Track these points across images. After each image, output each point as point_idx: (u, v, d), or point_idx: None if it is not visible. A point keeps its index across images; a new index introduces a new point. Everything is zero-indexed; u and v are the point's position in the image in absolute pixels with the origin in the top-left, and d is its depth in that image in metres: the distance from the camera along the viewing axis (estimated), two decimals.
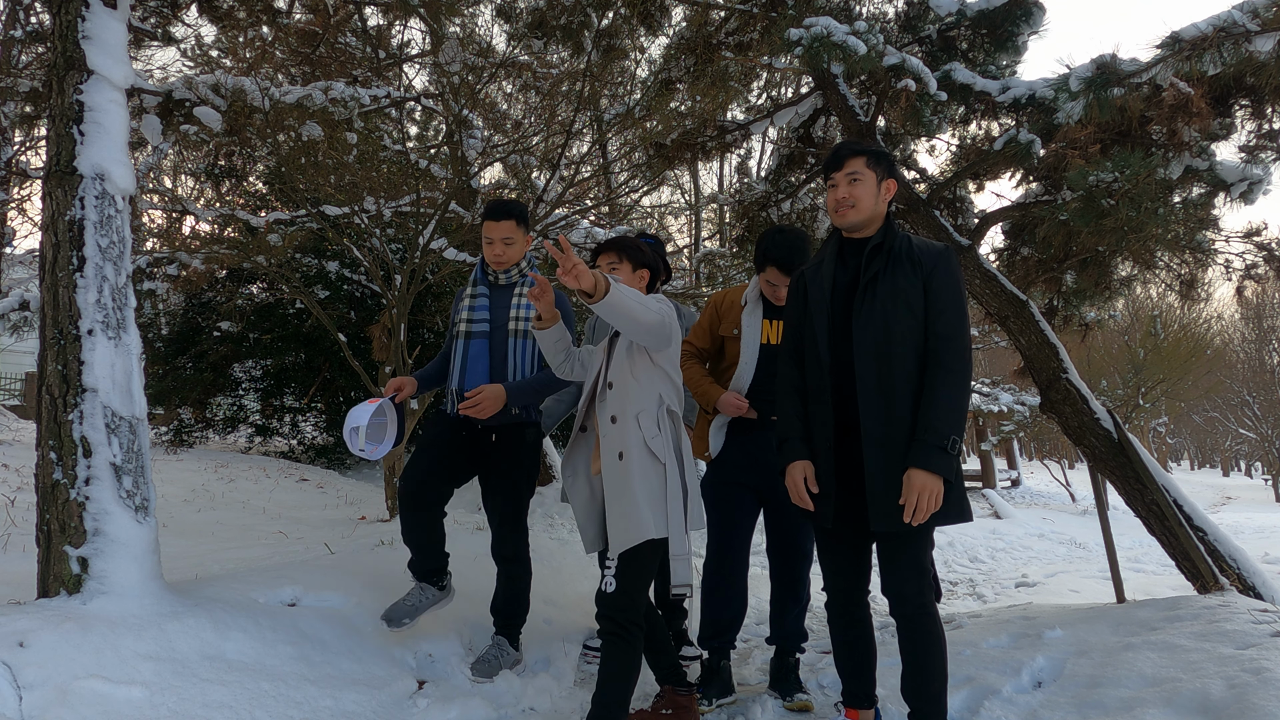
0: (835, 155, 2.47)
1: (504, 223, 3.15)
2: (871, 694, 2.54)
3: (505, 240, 3.15)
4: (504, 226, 3.15)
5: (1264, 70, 3.53)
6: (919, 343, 2.31)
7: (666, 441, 2.49)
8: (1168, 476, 4.32)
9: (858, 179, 2.42)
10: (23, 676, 2.28)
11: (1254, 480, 39.88)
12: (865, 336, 2.32)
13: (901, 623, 2.36)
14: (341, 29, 6.69)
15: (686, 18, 5.50)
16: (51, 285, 2.91)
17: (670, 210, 14.95)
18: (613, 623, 2.41)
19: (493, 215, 3.16)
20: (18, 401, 17.22)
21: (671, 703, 2.77)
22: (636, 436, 2.44)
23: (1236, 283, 4.97)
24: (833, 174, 2.47)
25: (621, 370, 2.50)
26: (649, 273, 2.71)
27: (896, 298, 2.32)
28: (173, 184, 12.33)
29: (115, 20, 3.12)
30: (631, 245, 2.67)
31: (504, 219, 3.15)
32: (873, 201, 2.42)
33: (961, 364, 2.27)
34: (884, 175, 2.45)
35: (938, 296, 2.32)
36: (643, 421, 2.46)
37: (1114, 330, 20.20)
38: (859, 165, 2.42)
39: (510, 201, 3.20)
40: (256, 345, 10.79)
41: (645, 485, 2.41)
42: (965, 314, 2.35)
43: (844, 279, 2.44)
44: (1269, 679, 2.35)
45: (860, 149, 2.46)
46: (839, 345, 2.40)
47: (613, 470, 2.44)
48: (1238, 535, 11.52)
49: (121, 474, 2.84)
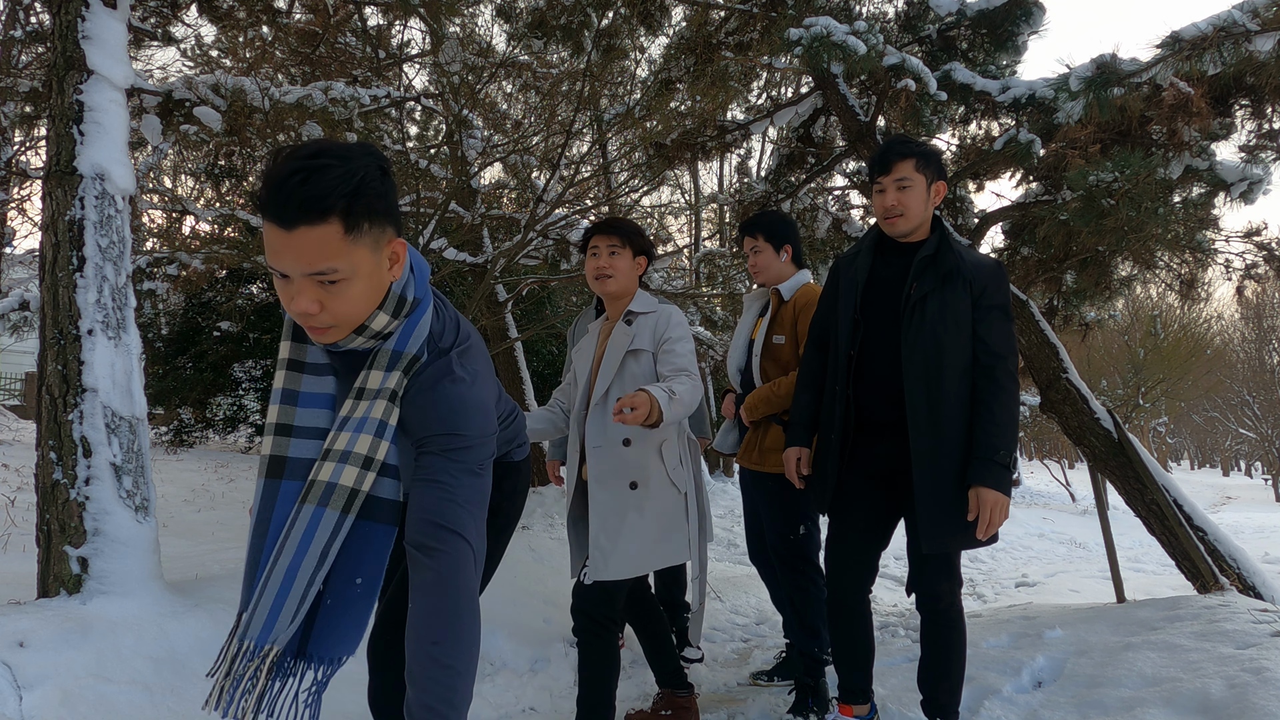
0: (883, 157, 2.34)
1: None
2: (868, 689, 2.53)
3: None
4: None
5: (1264, 70, 3.53)
6: (967, 362, 2.28)
7: (688, 472, 2.45)
8: (1168, 476, 4.32)
9: (907, 185, 2.30)
10: (23, 676, 2.28)
11: (1254, 480, 39.88)
12: (914, 355, 2.27)
13: (931, 618, 2.38)
14: (341, 29, 6.69)
15: (686, 18, 5.50)
16: (51, 285, 2.91)
17: (670, 210, 14.95)
18: (589, 619, 2.35)
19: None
20: (18, 401, 17.22)
21: (670, 704, 2.75)
22: (659, 468, 2.37)
23: (1236, 283, 4.97)
24: (880, 177, 2.34)
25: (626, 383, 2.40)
26: (646, 259, 2.61)
27: (946, 316, 2.27)
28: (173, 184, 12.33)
29: (115, 20, 3.12)
30: (635, 230, 2.60)
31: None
32: (922, 208, 2.32)
33: (1013, 382, 2.27)
34: (934, 178, 2.34)
35: (988, 314, 2.28)
36: (665, 452, 2.39)
37: (1114, 330, 20.19)
38: (908, 170, 2.30)
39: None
40: (256, 345, 10.80)
41: (662, 519, 2.36)
42: (1013, 331, 2.33)
43: (884, 275, 2.36)
44: (1269, 679, 2.35)
45: (910, 150, 2.32)
46: (864, 339, 2.36)
47: (619, 496, 2.35)
48: (1238, 535, 11.52)
49: (121, 474, 2.84)
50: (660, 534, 2.36)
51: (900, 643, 3.84)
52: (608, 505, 2.35)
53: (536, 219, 7.06)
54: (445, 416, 1.39)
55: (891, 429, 2.34)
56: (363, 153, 1.26)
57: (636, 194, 8.98)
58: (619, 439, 2.36)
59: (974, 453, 2.22)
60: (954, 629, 2.37)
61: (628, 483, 2.35)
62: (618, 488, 2.35)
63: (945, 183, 2.39)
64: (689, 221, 15.86)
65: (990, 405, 2.23)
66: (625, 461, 2.35)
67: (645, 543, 2.34)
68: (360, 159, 1.25)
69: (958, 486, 2.25)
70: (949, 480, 2.24)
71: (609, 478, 2.36)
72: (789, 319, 3.06)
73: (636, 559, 2.33)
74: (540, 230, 7.16)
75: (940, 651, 2.38)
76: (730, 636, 4.36)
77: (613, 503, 2.34)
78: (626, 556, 2.32)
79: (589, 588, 2.34)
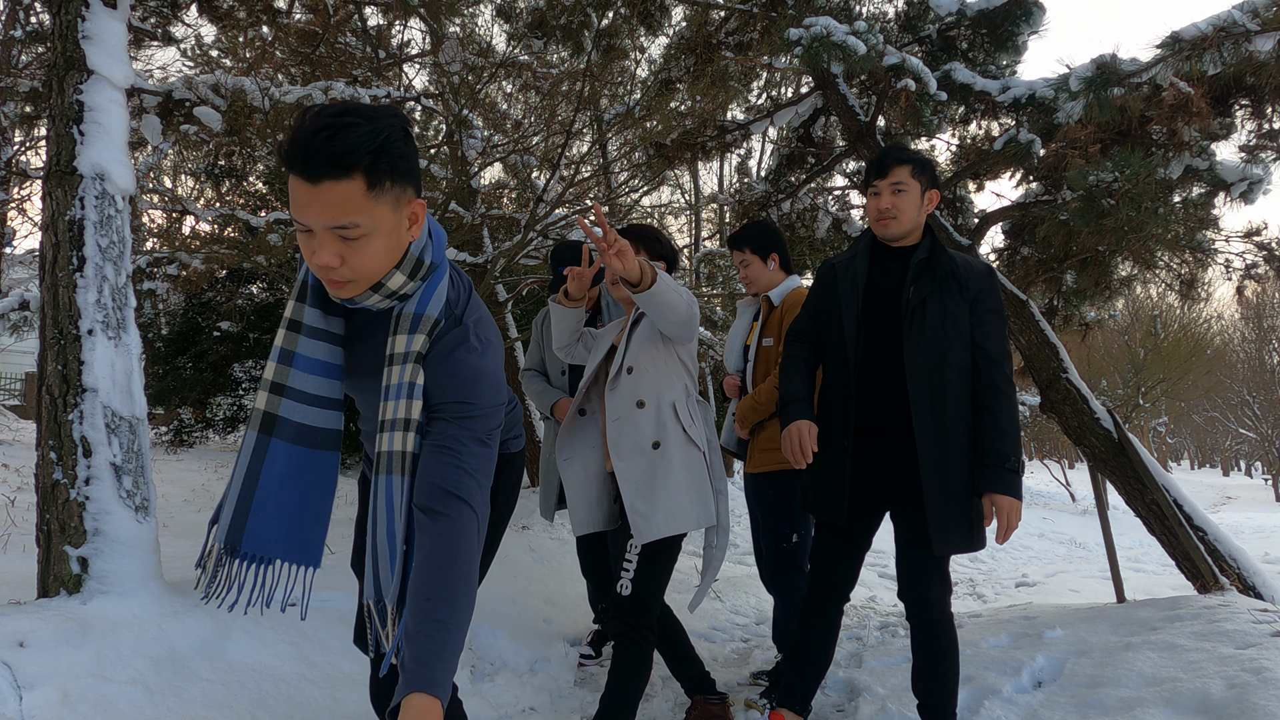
0: (880, 161, 2.40)
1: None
2: (809, 701, 2.50)
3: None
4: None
5: (1264, 70, 3.53)
6: (966, 364, 2.32)
7: (701, 431, 2.45)
8: (1168, 476, 4.32)
9: (902, 189, 2.37)
10: (23, 676, 2.28)
11: (1254, 480, 39.87)
12: (917, 360, 2.30)
13: (921, 627, 2.39)
14: (341, 29, 6.69)
15: (686, 17, 5.50)
16: (51, 285, 2.91)
17: (670, 210, 14.95)
18: (626, 625, 2.35)
19: None
20: (18, 401, 17.22)
21: (704, 713, 2.71)
22: (675, 425, 2.38)
23: (1236, 282, 4.97)
24: (876, 180, 2.40)
25: (644, 356, 2.41)
26: (666, 265, 2.61)
27: (946, 322, 2.31)
28: (173, 184, 12.33)
29: (115, 20, 3.12)
30: (652, 235, 2.58)
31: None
32: (915, 213, 2.39)
33: (1011, 386, 2.32)
34: (928, 185, 2.40)
35: (983, 319, 2.32)
36: (679, 410, 2.40)
37: (1114, 330, 20.20)
38: (904, 175, 2.37)
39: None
40: (256, 345, 10.80)
41: (689, 475, 2.36)
42: (1007, 334, 2.37)
43: (882, 281, 2.40)
44: (1269, 679, 2.35)
45: (906, 156, 2.40)
46: (867, 348, 2.38)
47: (642, 459, 2.35)
48: (1238, 535, 11.52)
49: (121, 474, 2.84)
50: (690, 491, 2.36)
51: (900, 643, 3.84)
52: (635, 470, 2.35)
53: (536, 219, 7.06)
54: (460, 384, 1.44)
55: (893, 434, 2.35)
56: (388, 114, 1.31)
57: (636, 194, 8.98)
58: (633, 401, 2.38)
59: (983, 460, 2.26)
60: (945, 637, 2.38)
61: (650, 443, 2.37)
62: (641, 451, 2.36)
63: (938, 192, 2.44)
64: (689, 221, 15.86)
65: (995, 412, 2.28)
66: (643, 424, 2.37)
67: (680, 499, 2.34)
68: (385, 119, 1.30)
69: (965, 490, 2.28)
70: (957, 485, 2.27)
71: (630, 444, 2.37)
72: (776, 322, 3.16)
73: (678, 515, 2.33)
74: (540, 230, 7.16)
75: (934, 659, 2.39)
76: (730, 636, 4.36)
77: (638, 467, 2.35)
78: (667, 515, 2.32)
79: (627, 598, 2.35)
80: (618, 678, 2.35)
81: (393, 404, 1.45)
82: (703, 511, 2.39)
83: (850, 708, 3.01)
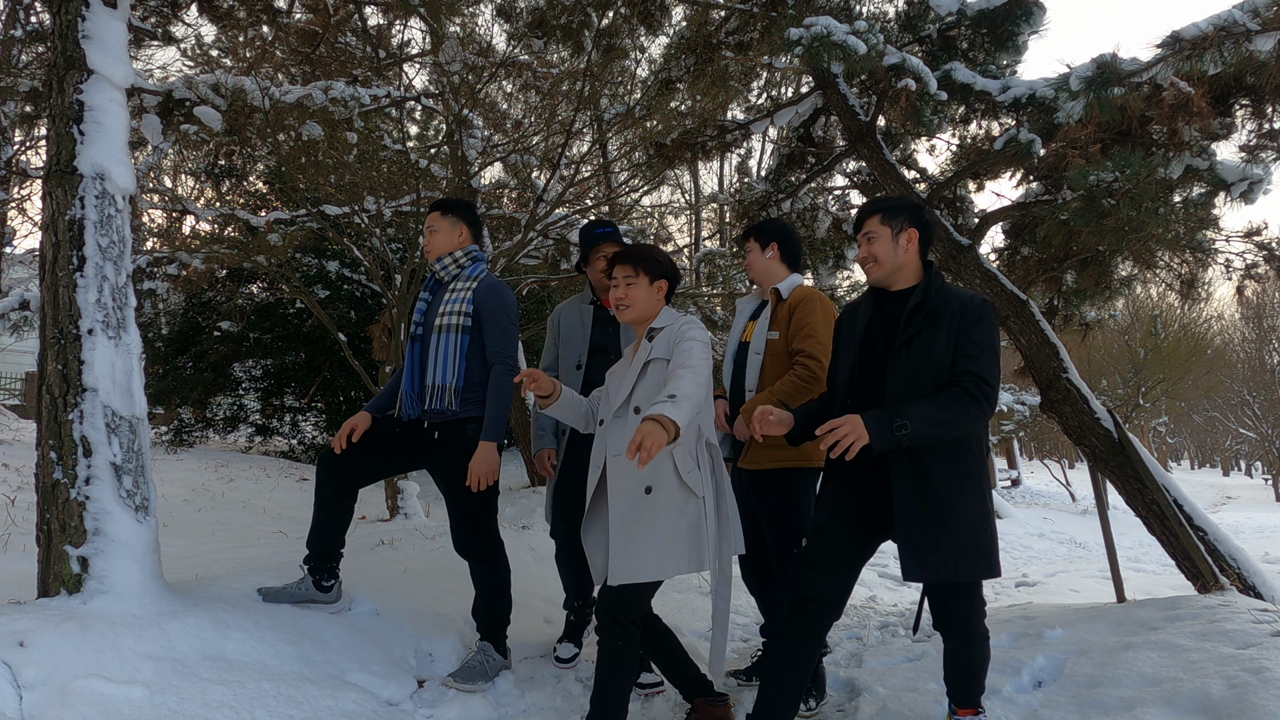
0: (856, 219, 2.57)
1: (431, 214, 3.22)
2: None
3: (430, 229, 3.20)
4: (430, 217, 3.21)
5: (1264, 70, 3.53)
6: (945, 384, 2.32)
7: (705, 475, 2.44)
8: (1168, 476, 4.32)
9: (873, 237, 2.49)
10: (23, 676, 2.28)
11: (1254, 480, 39.88)
12: (895, 381, 2.34)
13: (955, 638, 2.43)
14: (341, 29, 6.69)
15: (686, 17, 5.50)
16: (51, 285, 2.90)
17: (670, 210, 14.95)
18: (609, 618, 2.37)
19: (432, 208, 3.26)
20: (18, 401, 17.22)
21: (706, 715, 2.71)
22: (669, 470, 2.38)
23: (1236, 282, 4.97)
24: (857, 236, 2.57)
25: (652, 399, 2.42)
26: (667, 282, 2.61)
27: (930, 353, 2.33)
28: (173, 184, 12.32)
29: (115, 20, 3.12)
30: (648, 257, 2.59)
31: (431, 211, 3.23)
32: (890, 254, 2.46)
33: (973, 399, 2.24)
34: (901, 227, 2.47)
35: (970, 341, 2.31)
36: (677, 455, 2.39)
37: (1114, 330, 20.21)
38: (874, 224, 2.49)
39: (444, 199, 3.29)
40: (256, 345, 10.80)
41: (672, 524, 2.36)
42: (997, 361, 2.33)
43: (879, 331, 2.46)
44: (1269, 679, 2.35)
45: (874, 206, 2.52)
46: (860, 390, 2.44)
47: (634, 501, 2.38)
48: (1238, 535, 11.52)
49: (121, 473, 2.84)
50: (670, 539, 2.36)
51: (900, 643, 3.84)
52: (623, 511, 2.40)
53: (536, 219, 7.05)
54: (495, 310, 3.06)
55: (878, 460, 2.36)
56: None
57: (636, 194, 8.98)
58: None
59: (885, 407, 2.25)
60: (979, 652, 2.45)
61: (643, 488, 2.38)
62: (633, 493, 2.39)
63: (917, 229, 2.49)
64: (689, 221, 15.88)
65: (939, 396, 2.25)
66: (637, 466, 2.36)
67: (655, 548, 2.34)
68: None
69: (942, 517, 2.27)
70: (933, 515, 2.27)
71: (624, 485, 2.41)
72: (784, 317, 3.15)
73: (650, 564, 2.34)
74: (540, 230, 7.16)
75: (965, 662, 2.46)
76: (730, 636, 4.36)
77: (627, 508, 2.39)
78: (641, 561, 2.34)
79: (612, 588, 2.38)
80: (603, 672, 2.37)
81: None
82: (685, 557, 2.36)
83: (850, 708, 3.01)
